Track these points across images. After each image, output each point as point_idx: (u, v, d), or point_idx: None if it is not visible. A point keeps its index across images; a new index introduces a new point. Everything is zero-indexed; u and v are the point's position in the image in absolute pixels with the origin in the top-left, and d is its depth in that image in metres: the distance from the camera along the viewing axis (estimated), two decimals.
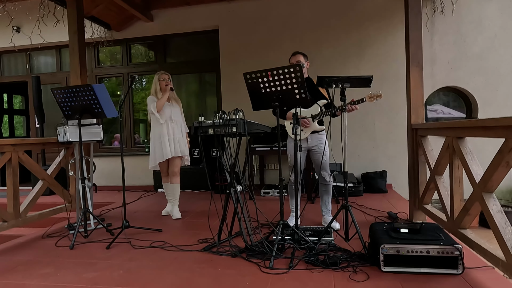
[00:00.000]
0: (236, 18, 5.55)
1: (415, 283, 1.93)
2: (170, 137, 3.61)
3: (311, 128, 3.06)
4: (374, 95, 2.82)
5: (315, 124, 3.05)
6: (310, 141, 3.09)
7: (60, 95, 2.95)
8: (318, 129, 3.06)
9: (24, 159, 3.05)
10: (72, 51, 3.81)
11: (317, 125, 3.05)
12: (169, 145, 3.60)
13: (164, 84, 3.63)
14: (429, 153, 2.92)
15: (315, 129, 3.06)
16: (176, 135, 3.63)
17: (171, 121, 3.63)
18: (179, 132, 3.66)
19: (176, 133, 3.64)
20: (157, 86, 3.66)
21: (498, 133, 1.75)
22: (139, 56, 6.38)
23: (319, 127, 3.06)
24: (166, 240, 2.84)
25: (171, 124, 3.63)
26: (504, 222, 1.77)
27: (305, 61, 3.09)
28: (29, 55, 6.46)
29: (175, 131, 3.63)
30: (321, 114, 3.00)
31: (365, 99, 2.84)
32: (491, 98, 4.92)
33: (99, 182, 5.92)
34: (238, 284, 2.00)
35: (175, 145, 3.62)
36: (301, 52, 3.11)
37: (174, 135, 3.62)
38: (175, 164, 3.66)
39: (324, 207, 3.17)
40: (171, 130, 3.62)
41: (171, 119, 3.63)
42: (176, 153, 3.61)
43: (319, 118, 3.03)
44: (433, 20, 5.02)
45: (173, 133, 3.62)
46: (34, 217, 3.18)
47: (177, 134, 3.64)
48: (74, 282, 2.10)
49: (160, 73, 3.68)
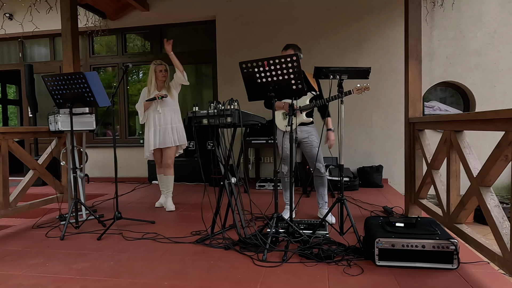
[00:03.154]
0: (233, 9, 5.46)
1: (410, 277, 1.90)
2: (156, 128, 3.54)
3: (298, 119, 3.02)
4: (362, 88, 2.78)
5: (302, 115, 3.01)
6: (299, 134, 3.05)
7: (51, 82, 2.88)
8: (305, 121, 3.03)
9: (14, 148, 2.99)
10: (65, 38, 3.72)
11: (304, 116, 3.01)
12: (154, 136, 3.54)
13: (161, 76, 3.55)
14: (426, 147, 2.90)
15: (303, 121, 3.02)
16: (164, 125, 3.54)
17: (158, 112, 3.53)
18: (168, 121, 3.55)
19: (163, 123, 3.54)
20: (153, 77, 3.56)
21: (498, 126, 1.72)
22: (135, 46, 6.29)
23: (306, 119, 3.02)
24: (158, 232, 2.80)
25: (157, 115, 3.54)
26: (502, 217, 1.75)
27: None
28: (22, 44, 6.34)
29: (162, 121, 3.53)
30: (309, 106, 2.96)
31: (352, 91, 2.80)
32: (488, 94, 4.90)
33: (93, 173, 5.87)
34: (230, 276, 1.96)
35: (159, 136, 3.54)
36: (293, 45, 3.03)
37: (161, 125, 3.54)
38: (168, 155, 3.58)
39: (320, 199, 3.14)
40: (157, 121, 3.54)
41: (158, 110, 3.53)
42: (160, 144, 3.54)
43: (307, 110, 2.99)
44: (433, 14, 4.97)
45: (159, 124, 3.54)
46: (24, 207, 3.13)
47: (166, 124, 3.54)
48: (63, 273, 2.06)
49: (156, 64, 3.57)
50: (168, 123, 3.56)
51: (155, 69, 3.55)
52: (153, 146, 3.54)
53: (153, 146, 3.54)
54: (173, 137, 3.57)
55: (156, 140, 3.54)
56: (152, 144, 3.54)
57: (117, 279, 1.97)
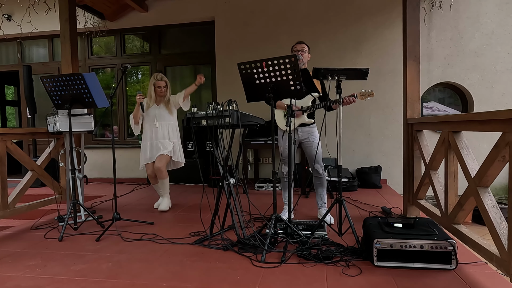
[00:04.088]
0: (232, 10, 5.46)
1: (408, 278, 1.91)
2: (152, 141, 3.54)
3: (299, 120, 3.02)
4: (366, 93, 2.76)
5: (304, 116, 3.01)
6: (300, 134, 3.06)
7: (50, 83, 2.87)
8: (307, 121, 3.03)
9: (12, 149, 2.98)
10: (63, 39, 3.72)
11: (306, 117, 3.01)
12: (148, 150, 3.55)
13: (159, 91, 3.53)
14: (424, 148, 2.90)
15: (304, 121, 3.02)
16: (159, 139, 3.53)
17: (154, 126, 3.53)
18: (165, 136, 3.53)
19: (160, 137, 3.53)
20: (152, 92, 3.54)
21: (495, 126, 1.73)
22: (133, 47, 6.28)
23: (308, 120, 3.02)
24: (157, 233, 2.80)
25: (154, 129, 3.54)
26: (499, 217, 1.75)
27: (308, 52, 3.07)
28: (21, 44, 6.34)
29: (159, 135, 3.53)
30: (311, 107, 2.96)
31: (356, 96, 2.78)
32: (486, 95, 4.91)
33: (92, 174, 5.86)
34: (229, 277, 1.96)
35: (151, 150, 3.53)
36: (306, 43, 3.09)
37: (157, 139, 3.53)
38: (159, 159, 3.51)
39: (319, 200, 3.15)
40: (154, 135, 3.54)
41: (155, 124, 3.52)
42: (152, 158, 3.53)
43: (309, 111, 3.00)
44: (431, 15, 4.98)
45: (155, 137, 3.53)
46: (22, 208, 3.12)
47: (163, 138, 3.53)
48: (61, 274, 2.05)
49: (157, 79, 3.52)
50: (165, 137, 3.53)
51: (155, 84, 3.53)
52: (144, 160, 3.56)
53: (144, 160, 3.56)
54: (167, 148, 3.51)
55: (148, 155, 3.55)
56: (143, 159, 3.57)
57: (116, 280, 1.96)
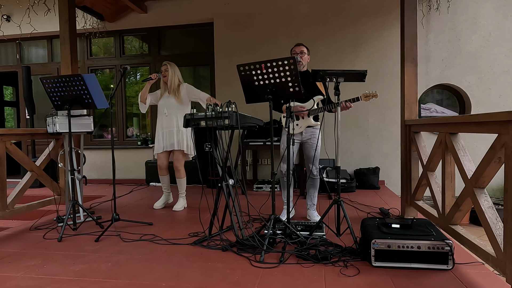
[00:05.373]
0: (231, 11, 5.49)
1: (406, 278, 1.92)
2: (164, 130, 3.61)
3: (306, 123, 3.04)
4: (370, 95, 2.77)
5: (310, 119, 3.03)
6: (304, 135, 3.08)
7: (50, 84, 2.88)
8: (313, 124, 3.05)
9: (11, 149, 2.99)
10: (63, 40, 3.73)
11: (312, 120, 3.03)
12: (161, 139, 3.61)
13: (164, 77, 3.63)
14: (421, 149, 2.92)
15: (310, 124, 3.04)
16: (169, 128, 3.59)
17: (165, 115, 3.60)
18: (173, 125, 3.58)
19: (169, 126, 3.59)
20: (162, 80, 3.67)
21: (491, 128, 1.75)
22: (133, 48, 6.29)
23: (314, 122, 3.04)
24: (156, 233, 2.81)
25: (164, 118, 3.61)
26: (495, 218, 1.77)
27: (307, 54, 3.09)
28: (20, 45, 6.34)
29: (168, 124, 3.59)
30: (316, 110, 2.98)
31: (360, 98, 2.80)
32: (484, 97, 4.94)
33: (91, 175, 5.86)
34: (228, 277, 1.98)
35: (164, 139, 3.59)
36: (305, 45, 3.11)
37: (168, 128, 3.59)
38: (176, 158, 3.63)
39: (309, 200, 3.18)
40: (165, 124, 3.61)
41: (165, 112, 3.60)
42: (166, 147, 3.58)
43: (314, 114, 3.02)
44: (429, 18, 5.02)
45: (166, 126, 3.60)
46: (22, 209, 3.12)
47: (172, 127, 3.58)
48: (60, 274, 2.06)
49: (162, 65, 3.66)
50: (173, 126, 3.59)
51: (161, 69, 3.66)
52: (158, 150, 3.63)
53: (157, 150, 3.63)
54: (176, 140, 3.57)
55: (161, 143, 3.61)
56: (157, 148, 3.63)
57: (115, 280, 1.97)
